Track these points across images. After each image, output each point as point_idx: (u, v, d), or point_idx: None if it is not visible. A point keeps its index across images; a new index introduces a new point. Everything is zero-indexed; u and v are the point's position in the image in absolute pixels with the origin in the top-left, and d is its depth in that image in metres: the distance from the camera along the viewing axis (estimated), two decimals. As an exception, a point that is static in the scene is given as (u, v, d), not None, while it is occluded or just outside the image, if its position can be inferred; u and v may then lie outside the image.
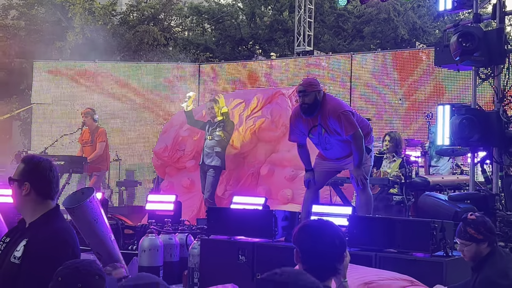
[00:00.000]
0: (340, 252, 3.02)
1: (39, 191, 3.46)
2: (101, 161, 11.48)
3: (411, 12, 24.15)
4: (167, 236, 7.14)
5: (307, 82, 7.05)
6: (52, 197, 3.51)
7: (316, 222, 3.13)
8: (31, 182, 3.45)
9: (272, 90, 11.16)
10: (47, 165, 3.51)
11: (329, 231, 3.03)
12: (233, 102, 10.66)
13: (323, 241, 2.98)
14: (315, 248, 2.97)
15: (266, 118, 10.35)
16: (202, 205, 10.14)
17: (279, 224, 6.42)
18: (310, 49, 17.54)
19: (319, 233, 3.01)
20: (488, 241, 4.59)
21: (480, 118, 7.23)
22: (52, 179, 3.50)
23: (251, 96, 10.89)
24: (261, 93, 10.98)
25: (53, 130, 14.70)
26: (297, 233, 3.05)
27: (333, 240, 3.00)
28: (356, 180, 6.98)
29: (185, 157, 10.78)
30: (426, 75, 13.31)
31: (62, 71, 15.56)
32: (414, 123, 13.32)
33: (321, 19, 24.50)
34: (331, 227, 3.07)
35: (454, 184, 8.97)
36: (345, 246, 3.08)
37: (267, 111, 10.49)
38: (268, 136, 10.43)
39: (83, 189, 6.37)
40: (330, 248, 2.98)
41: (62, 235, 3.42)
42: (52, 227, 3.42)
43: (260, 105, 10.61)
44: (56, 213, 3.52)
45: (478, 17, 7.84)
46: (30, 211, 3.48)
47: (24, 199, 3.48)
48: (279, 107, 10.46)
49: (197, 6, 26.38)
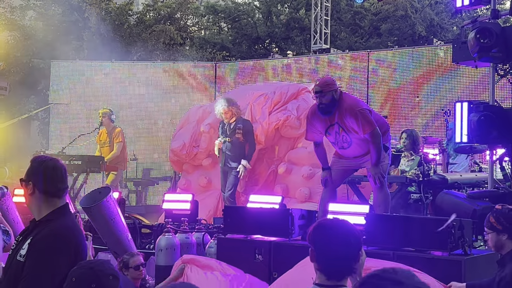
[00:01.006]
0: (355, 251, 2.98)
1: (42, 190, 3.50)
2: (118, 161, 11.52)
3: (429, 8, 23.99)
4: (183, 235, 7.13)
5: (324, 82, 6.98)
6: (58, 196, 3.54)
7: (331, 220, 3.10)
8: (34, 181, 3.51)
9: (298, 86, 10.96)
10: (50, 164, 3.56)
11: (343, 229, 2.99)
12: (253, 96, 10.53)
13: (338, 240, 2.94)
14: (330, 247, 2.94)
15: (292, 114, 10.21)
16: (219, 203, 10.12)
17: (295, 223, 6.39)
18: (326, 47, 17.49)
19: (333, 232, 2.98)
20: (508, 233, 4.58)
21: (499, 115, 7.17)
22: (55, 177, 3.53)
23: (271, 89, 10.74)
24: (286, 87, 10.76)
25: (71, 130, 14.76)
26: (311, 232, 3.03)
27: (348, 238, 2.96)
28: (374, 178, 6.94)
29: (201, 153, 10.72)
30: (444, 72, 13.21)
31: (80, 71, 15.63)
32: (431, 121, 13.23)
33: (338, 16, 24.41)
34: (345, 225, 3.03)
35: (473, 182, 8.90)
36: (361, 245, 3.04)
37: (292, 107, 10.33)
38: (291, 133, 10.33)
39: (100, 188, 6.40)
40: (344, 247, 2.94)
41: (63, 232, 3.43)
42: (54, 225, 3.44)
43: (285, 100, 10.46)
44: (62, 211, 3.53)
45: (496, 13, 7.76)
46: (37, 210, 3.53)
47: (30, 198, 3.54)
48: (305, 103, 10.25)
49: (214, 5, 26.37)
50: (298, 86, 10.81)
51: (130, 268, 6.17)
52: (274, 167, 10.31)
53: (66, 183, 3.62)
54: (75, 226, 3.56)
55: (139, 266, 6.23)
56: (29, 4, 21.37)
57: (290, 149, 10.36)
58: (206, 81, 15.74)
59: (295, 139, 10.33)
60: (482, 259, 5.54)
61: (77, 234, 3.51)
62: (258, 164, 10.31)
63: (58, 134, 15.28)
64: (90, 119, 14.57)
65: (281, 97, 10.48)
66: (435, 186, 8.63)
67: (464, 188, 8.56)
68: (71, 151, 11.72)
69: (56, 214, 3.50)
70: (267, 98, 10.47)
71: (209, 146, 10.50)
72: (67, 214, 3.57)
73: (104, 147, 11.64)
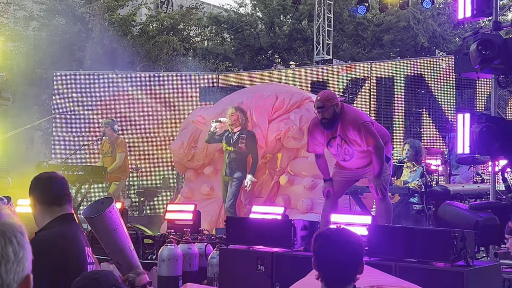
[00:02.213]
0: (356, 260, 2.99)
1: (41, 200, 3.67)
2: (120, 171, 11.53)
3: (431, 20, 24.05)
4: (186, 246, 7.13)
5: (325, 96, 6.95)
6: (58, 203, 3.65)
7: (332, 229, 3.11)
8: (33, 194, 3.71)
9: (302, 95, 10.52)
10: (44, 176, 3.77)
11: (344, 238, 3.01)
12: (254, 98, 10.35)
13: (338, 248, 2.96)
14: (330, 255, 2.96)
15: (294, 124, 9.89)
16: (221, 211, 10.12)
17: (298, 233, 6.39)
18: (329, 57, 17.54)
19: (334, 240, 2.99)
20: None
21: (501, 127, 7.17)
22: (51, 186, 3.67)
23: (272, 90, 10.59)
24: (290, 94, 10.41)
25: (73, 140, 14.81)
26: (313, 240, 3.05)
27: (348, 247, 2.97)
28: (376, 189, 6.95)
29: (199, 154, 10.66)
30: (446, 82, 13.24)
31: (83, 82, 15.68)
32: (434, 131, 13.24)
33: (340, 27, 24.48)
34: (346, 234, 3.04)
35: (475, 193, 8.90)
36: (362, 254, 3.04)
37: (295, 117, 10.00)
38: (293, 144, 10.05)
39: (102, 199, 6.39)
40: (345, 256, 2.96)
41: (52, 238, 3.50)
42: (48, 231, 3.55)
43: (287, 108, 10.18)
44: (61, 219, 3.62)
45: (498, 24, 7.78)
46: (40, 220, 3.68)
47: (33, 212, 3.72)
48: (308, 113, 9.90)
49: (216, 16, 26.48)
50: (302, 95, 10.48)
51: (136, 287, 6.16)
52: (277, 178, 10.26)
53: (65, 191, 3.72)
54: (69, 233, 3.60)
55: (146, 286, 6.23)
56: (32, 15, 21.46)
57: (292, 159, 10.28)
58: (209, 92, 15.77)
59: (297, 149, 10.23)
60: (484, 271, 5.53)
61: (68, 240, 3.55)
62: (260, 175, 10.26)
63: (61, 144, 15.32)
64: (93, 129, 14.61)
65: (283, 104, 10.21)
66: (437, 197, 8.63)
67: (466, 199, 8.55)
68: (74, 161, 11.73)
69: (54, 222, 3.59)
70: (266, 100, 10.25)
71: (205, 147, 10.49)
72: (67, 222, 3.64)
73: (106, 157, 11.66)
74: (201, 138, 10.56)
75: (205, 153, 10.60)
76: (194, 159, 10.78)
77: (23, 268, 1.86)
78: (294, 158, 10.23)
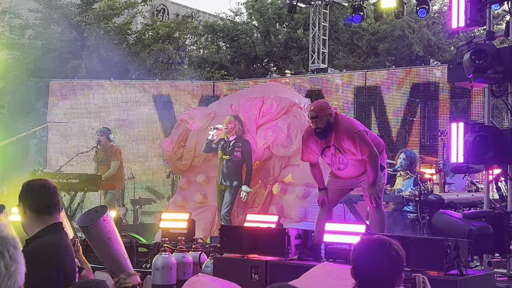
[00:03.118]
0: (394, 272, 2.91)
1: (32, 208, 3.63)
2: (115, 180, 11.51)
3: (426, 29, 24.13)
4: (180, 255, 7.13)
5: (318, 106, 6.93)
6: (48, 213, 3.64)
7: (372, 239, 3.02)
8: (23, 201, 3.67)
9: (290, 101, 10.29)
10: (36, 183, 3.71)
11: (384, 249, 2.92)
12: (242, 102, 10.38)
13: (377, 259, 2.89)
14: (368, 266, 2.90)
15: (282, 132, 9.82)
16: (214, 219, 10.14)
17: (292, 242, 6.40)
18: (324, 66, 17.58)
19: (374, 251, 2.92)
20: None
21: (494, 136, 7.19)
22: (43, 195, 3.64)
23: (259, 93, 10.65)
24: (278, 99, 10.25)
25: (68, 148, 14.79)
26: (353, 248, 2.99)
27: (387, 259, 2.90)
28: (370, 198, 6.96)
29: (187, 154, 10.73)
30: (440, 92, 13.28)
31: (78, 90, 15.68)
32: (428, 140, 13.27)
33: (336, 36, 24.54)
34: (387, 245, 2.94)
35: (469, 202, 8.92)
36: (401, 267, 2.94)
37: (283, 124, 9.92)
38: (283, 152, 9.97)
39: (97, 207, 6.39)
40: (383, 267, 2.89)
41: (44, 249, 3.49)
42: (39, 240, 3.53)
43: (274, 113, 10.07)
44: (52, 228, 3.61)
45: (491, 34, 7.81)
46: (29, 229, 3.65)
47: (23, 219, 3.68)
48: (296, 120, 9.90)
49: (212, 24, 26.52)
50: (290, 101, 10.30)
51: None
52: (270, 187, 10.24)
53: (56, 200, 3.70)
54: (59, 242, 3.60)
55: (136, 286, 6.21)
56: (28, 23, 21.45)
57: (283, 167, 10.22)
58: (204, 100, 15.78)
59: (289, 157, 10.08)
60: (478, 280, 5.54)
61: (59, 250, 3.55)
62: (254, 184, 10.23)
63: (56, 152, 15.30)
64: (88, 137, 14.60)
65: (271, 108, 10.08)
66: (431, 205, 8.64)
67: (460, 208, 8.57)
68: (69, 170, 11.71)
69: (45, 231, 3.58)
70: (253, 103, 10.21)
71: (193, 146, 10.54)
72: (57, 231, 3.63)
73: (101, 165, 11.65)
74: (190, 138, 10.64)
75: (193, 153, 10.68)
76: (182, 159, 10.83)
77: (15, 282, 1.85)
78: (285, 166, 10.19)
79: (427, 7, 15.60)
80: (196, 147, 10.57)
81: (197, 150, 10.58)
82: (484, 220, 6.96)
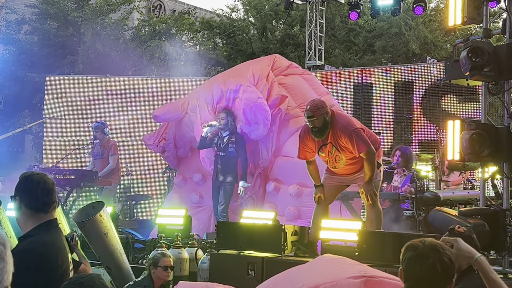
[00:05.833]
0: (445, 280, 2.83)
1: (28, 205, 3.52)
2: (112, 175, 11.52)
3: (423, 26, 24.15)
4: (176, 251, 7.14)
5: (314, 106, 6.92)
6: (44, 210, 3.53)
7: (425, 243, 2.90)
8: (20, 196, 3.53)
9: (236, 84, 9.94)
10: (35, 179, 3.56)
11: (436, 255, 2.84)
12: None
13: (428, 264, 2.82)
14: (418, 271, 2.83)
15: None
16: (211, 218, 10.12)
17: (288, 239, 6.41)
18: (321, 63, 17.56)
19: (425, 255, 2.84)
20: None
21: (491, 133, 7.19)
22: (41, 192, 3.52)
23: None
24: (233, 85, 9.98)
25: (65, 144, 14.78)
26: (403, 250, 2.92)
27: (439, 265, 2.82)
28: (366, 195, 6.98)
29: (167, 145, 10.75)
30: (436, 89, 13.30)
31: (74, 86, 15.66)
32: (425, 137, 13.30)
33: (332, 33, 24.56)
34: (439, 251, 2.86)
35: (465, 199, 8.93)
36: (452, 275, 2.85)
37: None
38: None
39: (93, 203, 6.41)
40: (433, 273, 2.82)
41: (37, 247, 3.41)
42: (31, 239, 3.44)
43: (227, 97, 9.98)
44: (46, 226, 3.52)
45: (488, 32, 7.80)
46: (23, 224, 3.55)
47: (17, 213, 3.56)
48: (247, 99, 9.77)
49: (209, 20, 26.51)
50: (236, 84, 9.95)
51: (158, 267, 6.27)
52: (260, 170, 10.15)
53: (53, 198, 3.59)
54: (52, 241, 3.52)
55: (168, 268, 6.31)
56: (24, 19, 21.41)
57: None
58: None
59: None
60: (473, 276, 5.55)
61: (52, 249, 3.48)
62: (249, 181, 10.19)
63: (52, 148, 15.28)
64: (84, 133, 14.59)
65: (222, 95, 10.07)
66: (427, 203, 8.66)
67: (456, 206, 8.58)
68: (65, 165, 11.70)
69: (39, 229, 3.49)
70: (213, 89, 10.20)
71: (173, 136, 10.62)
72: (51, 229, 3.55)
73: (97, 159, 11.65)
74: (169, 130, 10.64)
75: (174, 144, 10.72)
76: (165, 152, 10.89)
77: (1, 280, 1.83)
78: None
79: (423, 5, 15.58)
80: (176, 138, 10.62)
81: (178, 141, 10.61)
82: (480, 218, 6.96)
